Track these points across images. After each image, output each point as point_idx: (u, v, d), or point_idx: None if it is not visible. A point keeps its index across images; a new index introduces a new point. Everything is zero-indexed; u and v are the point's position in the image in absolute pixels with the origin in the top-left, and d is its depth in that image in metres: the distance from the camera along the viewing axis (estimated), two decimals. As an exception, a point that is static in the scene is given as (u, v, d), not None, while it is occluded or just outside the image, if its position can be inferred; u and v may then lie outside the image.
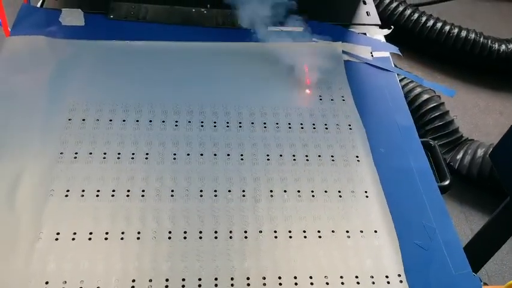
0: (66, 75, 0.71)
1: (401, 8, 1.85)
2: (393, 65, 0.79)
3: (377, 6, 0.91)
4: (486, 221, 1.44)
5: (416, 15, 1.84)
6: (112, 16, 0.80)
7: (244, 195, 0.60)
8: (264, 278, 0.53)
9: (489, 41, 1.82)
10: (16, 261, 0.51)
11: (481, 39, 1.82)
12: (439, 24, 1.83)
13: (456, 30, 1.81)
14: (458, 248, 0.58)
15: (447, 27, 1.82)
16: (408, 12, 1.84)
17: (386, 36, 0.85)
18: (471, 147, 1.49)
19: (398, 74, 0.79)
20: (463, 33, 1.81)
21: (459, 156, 1.48)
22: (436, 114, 1.49)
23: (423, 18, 1.84)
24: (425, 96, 1.50)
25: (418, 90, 1.52)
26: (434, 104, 1.50)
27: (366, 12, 0.88)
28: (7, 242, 0.52)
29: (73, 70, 0.71)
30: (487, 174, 1.44)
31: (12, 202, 0.55)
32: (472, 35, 1.81)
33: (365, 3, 0.90)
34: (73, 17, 0.78)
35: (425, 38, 1.83)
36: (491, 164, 1.43)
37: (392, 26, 0.85)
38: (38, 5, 1.07)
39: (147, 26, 0.80)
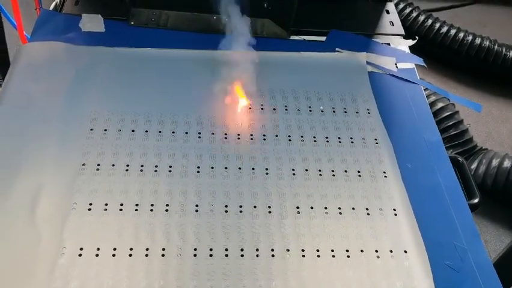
0: (86, 83, 0.69)
1: (414, 14, 1.84)
2: (418, 77, 0.78)
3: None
4: (499, 232, 1.43)
5: (429, 22, 1.82)
6: (132, 23, 0.78)
7: (270, 212, 0.58)
8: (293, 299, 0.51)
9: (503, 49, 1.80)
10: (39, 278, 0.50)
11: (495, 46, 1.80)
12: (453, 31, 1.81)
13: (470, 38, 1.80)
14: (491, 270, 0.56)
15: (461, 34, 1.80)
16: (421, 18, 1.83)
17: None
18: (485, 157, 1.47)
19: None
20: (477, 41, 1.80)
21: (473, 166, 1.46)
22: (451, 123, 1.47)
23: (437, 25, 1.82)
24: (440, 105, 1.49)
25: (433, 98, 1.50)
26: (449, 113, 1.48)
27: (390, 21, 0.86)
28: (29, 258, 0.51)
29: (93, 77, 0.70)
30: (501, 185, 1.42)
31: (34, 216, 0.54)
32: (486, 42, 1.80)
33: (388, 12, 0.88)
34: (93, 23, 0.77)
35: (439, 45, 1.82)
36: (506, 175, 1.42)
37: (417, 37, 0.83)
38: (51, 7, 1.06)
39: (168, 33, 0.78)
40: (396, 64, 0.79)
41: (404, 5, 1.85)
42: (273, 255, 0.55)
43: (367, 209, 0.60)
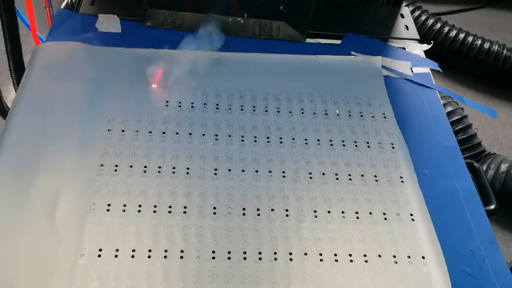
0: (103, 83, 0.69)
1: (423, 18, 1.83)
2: (433, 82, 0.78)
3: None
4: (507, 237, 1.43)
5: (438, 25, 1.82)
6: (148, 24, 0.78)
7: (287, 215, 0.58)
8: (311, 304, 0.51)
9: (512, 53, 1.80)
10: (59, 279, 0.50)
11: (504, 51, 1.79)
12: (462, 35, 1.80)
13: (479, 42, 1.79)
14: (509, 277, 0.56)
15: (470, 38, 1.80)
16: (430, 22, 1.82)
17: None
18: (494, 161, 1.47)
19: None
20: (486, 45, 1.79)
21: (482, 171, 1.46)
22: (460, 127, 1.47)
23: (446, 29, 1.82)
24: (449, 109, 1.48)
25: (442, 102, 1.49)
26: (458, 117, 1.47)
27: (405, 26, 0.86)
28: (49, 259, 0.51)
29: (110, 78, 0.70)
30: (510, 190, 1.42)
31: (53, 217, 0.54)
32: (495, 47, 1.79)
33: (403, 16, 0.88)
34: (109, 24, 0.77)
35: (447, 49, 1.81)
36: (514, 180, 1.41)
37: (432, 41, 0.83)
38: (62, 6, 1.06)
39: (184, 35, 0.78)
40: (411, 68, 0.79)
41: (413, 8, 1.85)
42: (291, 259, 0.55)
43: (384, 213, 0.60)
